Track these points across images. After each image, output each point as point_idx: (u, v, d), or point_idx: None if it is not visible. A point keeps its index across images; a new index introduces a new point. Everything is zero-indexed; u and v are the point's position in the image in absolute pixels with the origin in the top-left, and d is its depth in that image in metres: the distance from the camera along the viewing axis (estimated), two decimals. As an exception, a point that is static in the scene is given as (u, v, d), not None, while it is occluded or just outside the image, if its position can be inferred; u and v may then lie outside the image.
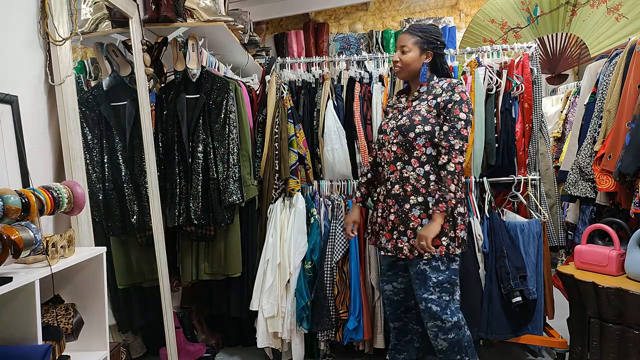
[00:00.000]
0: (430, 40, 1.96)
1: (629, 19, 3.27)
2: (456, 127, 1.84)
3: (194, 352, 2.56)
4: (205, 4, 2.55)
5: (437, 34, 1.98)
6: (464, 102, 1.87)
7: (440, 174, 1.84)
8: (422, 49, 1.96)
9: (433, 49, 1.96)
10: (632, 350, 1.76)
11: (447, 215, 1.84)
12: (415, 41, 1.95)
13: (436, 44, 1.97)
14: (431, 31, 1.98)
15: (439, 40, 1.98)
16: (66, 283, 1.52)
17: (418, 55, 1.96)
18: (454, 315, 1.89)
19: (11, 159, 1.50)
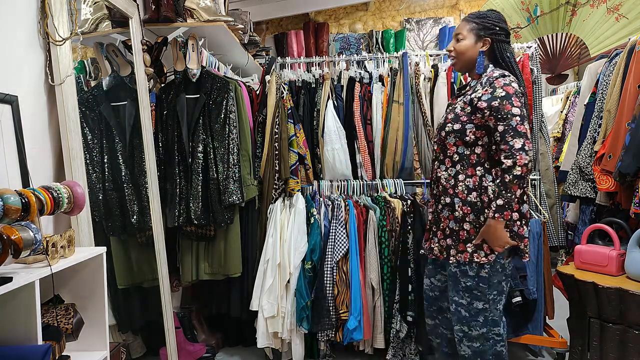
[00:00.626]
0: (487, 26, 1.79)
1: (629, 19, 3.27)
2: (511, 125, 1.64)
3: (194, 352, 2.56)
4: (205, 4, 2.55)
5: (495, 20, 1.80)
6: (512, 95, 1.66)
7: (505, 178, 1.63)
8: (477, 36, 1.80)
9: (490, 35, 1.79)
10: (632, 350, 1.76)
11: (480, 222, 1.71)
12: (471, 28, 1.81)
13: (494, 30, 1.79)
14: (489, 16, 1.81)
15: (498, 26, 1.79)
16: (66, 283, 1.52)
17: (473, 43, 1.81)
18: (483, 326, 1.76)
19: (11, 159, 1.50)
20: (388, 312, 2.43)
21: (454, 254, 1.78)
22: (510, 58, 1.80)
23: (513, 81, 1.71)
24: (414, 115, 2.64)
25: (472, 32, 1.81)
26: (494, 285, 1.75)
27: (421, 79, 2.65)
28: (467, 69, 1.87)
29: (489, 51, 1.81)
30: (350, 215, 2.45)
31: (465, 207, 1.75)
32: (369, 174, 2.70)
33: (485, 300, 1.75)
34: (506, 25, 1.82)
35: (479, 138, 1.74)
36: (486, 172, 1.74)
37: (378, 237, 2.45)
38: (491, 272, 1.73)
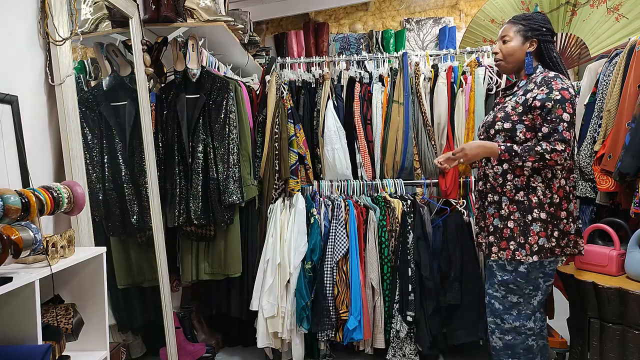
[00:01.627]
0: (534, 27, 1.80)
1: (629, 19, 3.27)
2: (558, 129, 1.68)
3: (194, 352, 2.56)
4: (205, 4, 2.55)
5: (542, 21, 1.82)
6: (568, 101, 1.69)
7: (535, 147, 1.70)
8: (525, 37, 1.82)
9: (537, 36, 1.80)
10: (632, 350, 1.76)
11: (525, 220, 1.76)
12: (518, 29, 1.82)
13: (541, 31, 1.80)
14: (535, 18, 1.83)
15: (545, 27, 1.81)
16: (66, 283, 1.52)
17: (520, 44, 1.82)
18: (517, 320, 1.82)
19: (11, 159, 1.50)
20: (388, 312, 2.43)
21: (495, 251, 1.83)
22: (557, 58, 1.82)
23: (570, 86, 1.73)
24: (414, 115, 2.64)
25: (519, 33, 1.83)
26: (531, 281, 1.80)
27: (421, 79, 2.65)
28: (514, 70, 1.89)
29: (536, 52, 1.83)
30: (350, 215, 2.45)
31: (512, 205, 1.79)
32: (369, 174, 2.70)
33: (521, 294, 1.81)
34: (552, 26, 1.84)
35: (528, 139, 1.77)
36: (534, 172, 1.77)
37: (378, 237, 2.45)
38: (530, 267, 1.78)
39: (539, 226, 1.75)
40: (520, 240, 1.77)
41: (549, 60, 1.82)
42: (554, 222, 1.76)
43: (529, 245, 1.76)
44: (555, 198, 1.77)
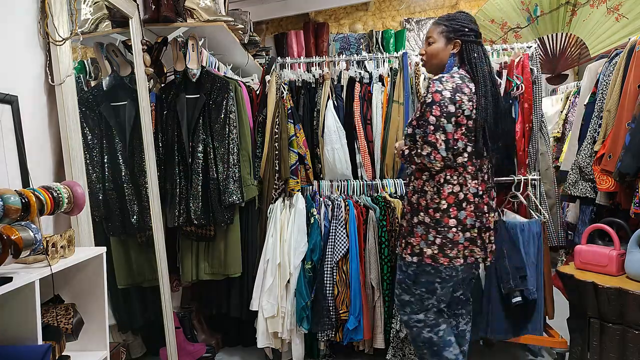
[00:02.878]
0: (456, 28, 1.79)
1: (629, 19, 3.27)
2: (426, 132, 1.70)
3: (194, 352, 2.56)
4: (205, 4, 2.55)
5: (465, 21, 1.80)
6: (435, 103, 1.68)
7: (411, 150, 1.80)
8: (447, 38, 1.81)
9: (460, 37, 1.79)
10: (632, 350, 1.76)
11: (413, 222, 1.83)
12: (441, 30, 1.82)
13: (464, 32, 1.78)
14: (458, 18, 1.81)
15: (467, 27, 1.79)
16: (66, 283, 1.52)
17: (444, 45, 1.81)
18: (405, 315, 1.91)
19: (11, 159, 1.50)
20: (388, 312, 2.43)
21: (397, 244, 1.97)
22: (477, 59, 1.77)
23: (446, 88, 1.70)
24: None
25: (442, 34, 1.82)
26: (422, 283, 1.83)
27: (421, 79, 2.65)
28: (437, 72, 1.87)
29: (459, 53, 1.81)
30: (350, 215, 2.45)
31: (407, 206, 1.88)
32: (369, 174, 2.70)
33: (412, 294, 1.87)
34: (476, 26, 1.81)
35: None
36: (430, 178, 1.79)
37: (378, 237, 2.45)
38: (417, 271, 1.83)
39: (421, 229, 1.78)
40: (408, 239, 1.84)
41: (468, 62, 1.78)
42: (438, 228, 1.75)
43: (411, 246, 1.82)
44: (443, 204, 1.75)
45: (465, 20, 1.81)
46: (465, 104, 1.71)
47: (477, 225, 1.77)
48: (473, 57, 1.78)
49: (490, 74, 1.79)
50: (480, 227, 1.78)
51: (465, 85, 1.73)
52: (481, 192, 1.79)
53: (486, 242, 1.83)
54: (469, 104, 1.71)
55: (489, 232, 1.84)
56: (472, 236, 1.77)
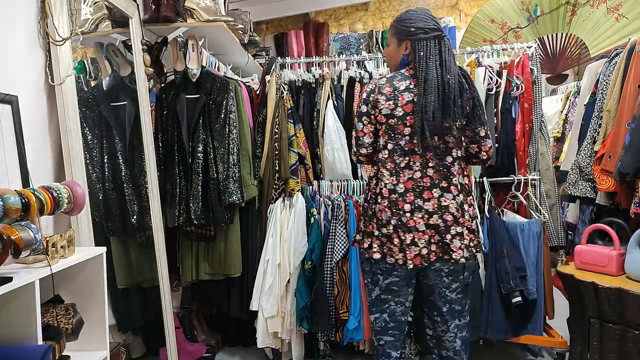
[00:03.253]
0: (404, 30, 1.76)
1: (629, 19, 3.27)
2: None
3: (194, 352, 2.56)
4: (205, 4, 2.55)
5: (412, 20, 1.75)
6: (360, 103, 1.83)
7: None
8: (398, 40, 1.80)
9: (408, 37, 1.76)
10: (632, 350, 1.76)
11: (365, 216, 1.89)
12: (392, 33, 1.82)
13: (410, 31, 1.75)
14: (406, 19, 1.77)
15: (414, 26, 1.74)
16: (66, 283, 1.52)
17: (396, 47, 1.81)
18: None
19: (11, 159, 1.50)
20: (388, 312, 2.43)
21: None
22: (423, 57, 1.72)
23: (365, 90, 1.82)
24: (414, 115, 2.63)
25: (394, 37, 1.82)
26: (368, 273, 1.89)
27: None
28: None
29: (411, 53, 1.78)
30: (350, 215, 2.45)
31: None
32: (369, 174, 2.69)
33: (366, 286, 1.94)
34: (427, 23, 1.74)
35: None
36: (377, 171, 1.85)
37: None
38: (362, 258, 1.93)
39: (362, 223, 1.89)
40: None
41: (415, 62, 1.75)
42: (363, 219, 1.88)
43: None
44: (366, 196, 1.88)
45: (413, 18, 1.76)
46: (381, 102, 1.76)
47: (392, 222, 1.75)
48: (419, 55, 1.73)
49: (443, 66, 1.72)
50: (397, 225, 1.74)
51: (389, 85, 1.76)
52: (402, 189, 1.74)
53: (407, 243, 1.74)
54: (387, 103, 1.75)
55: (411, 233, 1.73)
56: (388, 232, 1.76)
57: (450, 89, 1.70)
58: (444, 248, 1.75)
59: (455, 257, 1.75)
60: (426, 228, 1.74)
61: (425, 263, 1.76)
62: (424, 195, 1.74)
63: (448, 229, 1.74)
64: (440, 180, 1.76)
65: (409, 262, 1.75)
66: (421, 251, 1.75)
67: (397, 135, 1.75)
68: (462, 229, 1.76)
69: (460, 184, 1.79)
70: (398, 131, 1.74)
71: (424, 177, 1.75)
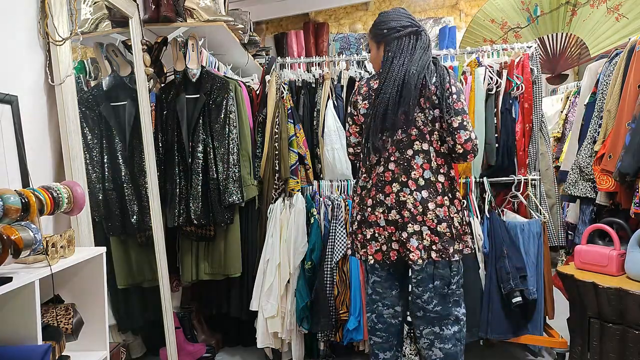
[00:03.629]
0: (377, 33, 1.79)
1: (629, 19, 3.27)
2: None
3: (194, 352, 2.56)
4: (205, 4, 2.55)
5: (384, 22, 1.77)
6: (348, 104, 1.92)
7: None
8: (376, 43, 1.82)
9: (382, 39, 1.77)
10: (632, 350, 1.76)
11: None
12: (370, 37, 1.85)
13: (382, 33, 1.76)
14: (378, 22, 1.80)
15: (386, 27, 1.75)
16: (66, 283, 1.52)
17: (376, 51, 1.83)
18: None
19: (11, 159, 1.50)
20: (388, 312, 2.43)
21: None
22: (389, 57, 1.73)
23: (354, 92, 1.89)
24: (414, 115, 2.63)
25: (372, 41, 1.84)
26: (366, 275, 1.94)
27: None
28: None
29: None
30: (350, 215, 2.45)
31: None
32: (369, 174, 2.70)
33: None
34: (397, 23, 1.74)
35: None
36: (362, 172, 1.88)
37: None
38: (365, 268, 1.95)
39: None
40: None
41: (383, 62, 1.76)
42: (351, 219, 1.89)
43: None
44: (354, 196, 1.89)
45: (385, 20, 1.77)
46: (359, 103, 1.83)
47: (358, 218, 1.79)
48: (387, 55, 1.75)
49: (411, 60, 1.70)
50: (361, 220, 1.78)
51: (366, 84, 1.83)
52: (370, 185, 1.77)
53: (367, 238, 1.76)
54: (363, 103, 1.81)
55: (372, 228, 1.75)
56: (354, 229, 1.82)
57: (410, 80, 1.67)
58: (404, 247, 1.72)
59: (413, 257, 1.68)
60: (386, 224, 1.72)
61: (387, 261, 1.76)
62: (385, 190, 1.73)
63: (405, 225, 1.69)
64: (400, 174, 1.72)
65: (369, 257, 1.77)
66: (382, 247, 1.74)
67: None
68: (420, 227, 1.68)
69: (424, 179, 1.71)
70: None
71: (386, 172, 1.75)
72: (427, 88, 1.70)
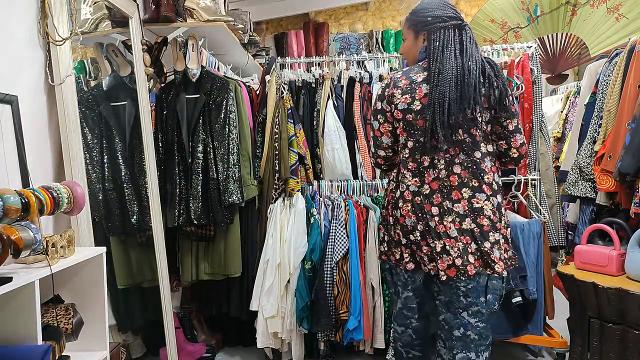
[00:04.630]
0: (420, 20, 1.66)
1: (629, 19, 3.27)
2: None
3: (194, 352, 2.56)
4: (205, 4, 2.55)
5: (428, 9, 1.65)
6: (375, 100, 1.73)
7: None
8: (415, 32, 1.69)
9: (425, 28, 1.65)
10: (632, 350, 1.76)
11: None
12: (408, 26, 1.71)
13: (427, 21, 1.64)
14: (421, 9, 1.67)
15: (431, 15, 1.63)
16: (66, 283, 1.52)
17: (413, 40, 1.70)
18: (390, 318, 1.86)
19: (11, 159, 1.50)
20: (388, 312, 2.43)
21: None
22: (438, 45, 1.60)
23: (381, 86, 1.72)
24: (414, 115, 2.63)
25: (410, 30, 1.71)
26: (391, 284, 1.86)
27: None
28: None
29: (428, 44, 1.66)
30: (350, 215, 2.45)
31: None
32: (369, 174, 2.70)
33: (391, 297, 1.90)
34: (442, 12, 1.63)
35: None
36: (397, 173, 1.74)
37: (378, 237, 2.45)
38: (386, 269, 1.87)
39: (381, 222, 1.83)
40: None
41: (427, 51, 1.64)
42: (385, 225, 1.76)
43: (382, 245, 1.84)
44: (384, 202, 1.77)
45: (429, 7, 1.65)
46: (397, 97, 1.63)
47: (419, 228, 1.60)
48: (434, 45, 1.61)
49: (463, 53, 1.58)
50: (425, 231, 1.59)
51: (405, 77, 1.64)
52: (428, 191, 1.60)
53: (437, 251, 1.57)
54: (403, 97, 1.62)
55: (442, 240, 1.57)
56: (416, 239, 1.61)
57: (471, 76, 1.54)
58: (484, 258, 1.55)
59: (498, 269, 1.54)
60: (459, 234, 1.55)
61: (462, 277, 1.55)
62: (452, 196, 1.58)
63: (486, 235, 1.55)
64: (469, 178, 1.58)
65: (441, 273, 1.56)
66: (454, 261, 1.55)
67: (416, 131, 1.60)
68: (499, 236, 1.57)
69: (496, 182, 1.63)
70: (417, 127, 1.60)
71: (451, 175, 1.58)
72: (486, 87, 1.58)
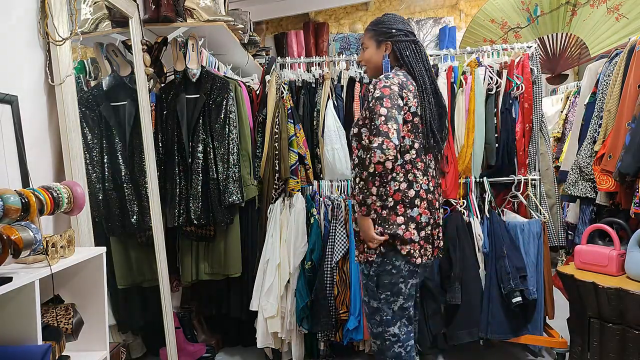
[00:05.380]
0: (383, 31, 1.82)
1: (629, 19, 3.27)
2: (376, 124, 1.64)
3: (194, 352, 2.56)
4: (205, 4, 2.55)
5: (391, 22, 1.83)
6: (386, 97, 1.66)
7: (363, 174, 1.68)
8: (377, 42, 1.84)
9: (389, 39, 1.81)
10: (632, 350, 1.76)
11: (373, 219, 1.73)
12: (370, 36, 1.86)
13: (391, 32, 1.81)
14: (383, 21, 1.85)
15: (394, 27, 1.81)
16: (66, 283, 1.52)
17: (375, 49, 1.85)
18: (379, 326, 1.79)
19: (11, 159, 1.50)
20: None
21: (357, 254, 1.87)
22: (410, 56, 1.80)
23: (394, 84, 1.69)
24: (414, 115, 2.63)
25: (372, 39, 1.86)
26: (385, 286, 1.76)
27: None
28: (376, 75, 1.85)
29: (392, 54, 1.83)
30: (350, 215, 2.45)
31: (359, 208, 1.74)
32: (369, 174, 2.69)
33: (378, 299, 1.78)
34: (404, 26, 1.83)
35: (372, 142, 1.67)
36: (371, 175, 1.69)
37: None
38: (379, 271, 1.75)
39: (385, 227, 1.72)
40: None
41: (401, 60, 1.82)
42: (385, 225, 1.71)
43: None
44: (390, 202, 1.71)
45: (392, 21, 1.83)
46: (410, 100, 1.73)
47: (430, 222, 1.78)
48: (406, 55, 1.80)
49: (427, 71, 1.82)
50: (433, 224, 1.80)
51: (410, 82, 1.78)
52: (432, 188, 1.80)
53: (435, 238, 1.84)
54: (414, 101, 1.74)
55: (438, 228, 1.87)
56: (427, 234, 1.77)
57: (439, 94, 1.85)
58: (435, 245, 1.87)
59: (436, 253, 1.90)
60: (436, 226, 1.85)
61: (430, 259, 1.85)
62: (440, 191, 1.90)
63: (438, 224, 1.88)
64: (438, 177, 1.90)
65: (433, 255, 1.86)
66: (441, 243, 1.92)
67: (419, 133, 1.77)
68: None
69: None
70: (420, 129, 1.77)
71: (437, 175, 1.88)
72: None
